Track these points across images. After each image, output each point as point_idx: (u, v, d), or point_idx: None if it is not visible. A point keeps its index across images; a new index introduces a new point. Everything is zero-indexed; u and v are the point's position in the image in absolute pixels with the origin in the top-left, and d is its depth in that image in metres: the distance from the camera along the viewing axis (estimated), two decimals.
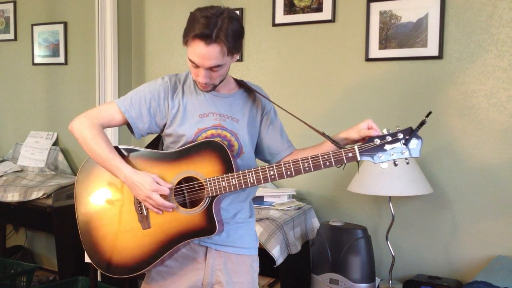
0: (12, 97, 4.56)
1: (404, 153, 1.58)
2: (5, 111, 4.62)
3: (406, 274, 2.87)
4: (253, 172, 1.65)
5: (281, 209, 2.87)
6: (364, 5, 2.95)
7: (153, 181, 1.66)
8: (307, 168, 1.63)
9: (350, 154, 1.60)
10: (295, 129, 2.22)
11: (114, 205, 1.79)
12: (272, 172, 1.65)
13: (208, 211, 1.67)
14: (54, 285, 3.49)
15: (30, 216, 3.82)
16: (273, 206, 2.92)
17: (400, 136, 1.58)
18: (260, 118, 1.86)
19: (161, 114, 1.77)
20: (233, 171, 1.66)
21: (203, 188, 1.68)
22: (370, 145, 1.60)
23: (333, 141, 1.68)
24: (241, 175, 1.65)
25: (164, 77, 1.81)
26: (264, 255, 2.59)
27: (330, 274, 2.66)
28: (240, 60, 3.39)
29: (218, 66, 1.66)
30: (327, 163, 1.61)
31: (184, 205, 1.72)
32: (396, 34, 2.86)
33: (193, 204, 1.70)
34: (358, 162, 1.63)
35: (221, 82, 1.75)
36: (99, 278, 3.32)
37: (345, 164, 1.61)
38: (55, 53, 4.23)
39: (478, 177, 2.71)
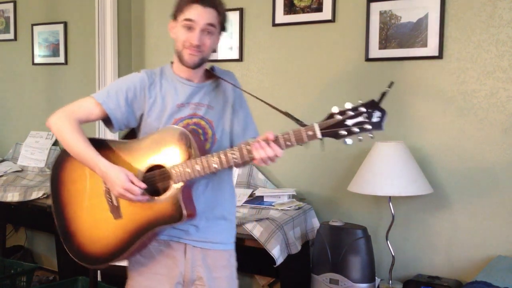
0: (12, 97, 4.56)
1: (367, 127, 1.51)
2: (5, 111, 4.62)
3: (406, 274, 2.87)
4: (215, 156, 1.65)
5: (281, 209, 2.87)
6: (364, 5, 2.95)
7: (127, 179, 1.68)
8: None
9: (310, 132, 1.55)
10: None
11: (86, 197, 1.82)
12: (235, 155, 1.63)
13: (175, 198, 1.69)
14: (54, 285, 3.49)
15: (30, 216, 3.82)
16: (273, 206, 2.93)
17: (362, 109, 1.51)
18: (232, 108, 1.89)
19: (138, 105, 1.80)
20: (198, 157, 1.67)
21: (170, 175, 1.70)
22: (331, 122, 1.54)
23: (296, 120, 1.66)
24: (204, 160, 1.65)
25: (140, 71, 1.86)
26: (264, 255, 2.59)
27: (330, 274, 2.66)
28: (240, 60, 3.39)
29: (212, 26, 1.75)
30: (288, 143, 1.58)
31: (155, 193, 1.73)
32: (396, 34, 2.86)
33: (165, 191, 1.72)
34: (321, 140, 1.56)
35: (206, 58, 1.80)
36: (99, 278, 3.32)
37: (307, 142, 1.57)
38: (55, 53, 4.23)
39: (478, 177, 2.71)
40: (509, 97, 2.63)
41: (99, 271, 3.28)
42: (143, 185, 1.69)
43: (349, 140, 1.53)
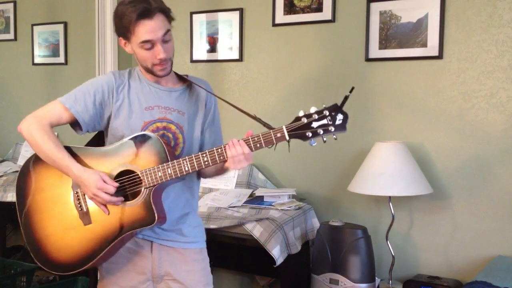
0: (12, 97, 4.56)
1: (331, 129, 1.60)
2: (5, 111, 4.62)
3: (406, 274, 2.87)
4: (187, 159, 1.67)
5: (281, 209, 2.87)
6: (364, 5, 2.95)
7: (100, 179, 1.69)
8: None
9: (278, 134, 1.62)
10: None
11: (54, 205, 1.81)
12: (205, 158, 1.66)
13: (147, 202, 1.70)
14: (54, 285, 3.49)
15: None
16: (273, 206, 2.92)
17: (326, 112, 1.61)
18: (203, 115, 1.89)
19: (106, 107, 1.80)
20: (168, 162, 1.69)
21: (141, 180, 1.70)
22: (297, 124, 1.62)
23: (264, 123, 1.70)
24: (176, 163, 1.67)
25: (110, 72, 1.88)
26: (264, 255, 2.59)
27: (330, 274, 2.66)
28: (240, 60, 3.39)
29: (168, 31, 1.73)
30: (258, 145, 1.64)
31: (125, 197, 1.74)
32: (396, 34, 2.86)
33: (134, 196, 1.73)
34: (288, 141, 1.64)
35: (172, 61, 1.80)
36: (99, 278, 3.31)
37: (275, 144, 1.63)
38: (55, 53, 4.23)
39: (478, 177, 2.71)
40: (509, 97, 2.63)
41: (99, 271, 3.27)
42: (116, 184, 1.70)
43: (314, 142, 1.62)
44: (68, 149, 1.78)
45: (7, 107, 4.60)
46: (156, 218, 1.68)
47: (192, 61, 3.58)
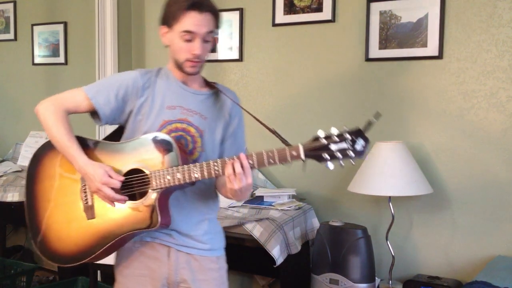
0: (12, 97, 4.56)
1: (349, 154, 1.52)
2: (5, 111, 4.62)
3: (406, 274, 2.87)
4: (197, 166, 1.62)
5: (281, 209, 2.87)
6: (364, 5, 2.95)
7: (105, 173, 1.66)
8: (251, 164, 1.58)
9: (294, 153, 1.55)
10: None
11: (61, 194, 1.79)
12: (216, 168, 1.62)
13: (152, 204, 1.67)
14: (54, 285, 3.49)
15: None
16: (273, 206, 2.93)
17: (347, 136, 1.53)
18: (226, 124, 1.84)
19: (128, 102, 1.78)
20: (178, 166, 1.65)
21: (149, 181, 1.67)
22: (315, 144, 1.54)
23: (282, 139, 1.66)
24: (185, 169, 1.63)
25: (136, 69, 1.84)
26: (264, 255, 2.59)
27: (330, 274, 2.66)
28: (240, 60, 3.39)
29: (212, 32, 1.72)
30: (271, 161, 1.57)
31: (132, 197, 1.70)
32: (396, 34, 2.86)
33: (141, 196, 1.70)
34: (304, 161, 1.56)
35: (204, 63, 1.80)
36: (99, 278, 3.32)
37: (290, 162, 1.56)
38: (55, 53, 4.23)
39: (478, 177, 2.71)
40: (509, 97, 2.63)
41: (99, 271, 3.28)
42: (122, 178, 1.67)
43: (331, 165, 1.54)
44: (81, 140, 1.76)
45: (7, 107, 4.60)
46: (159, 222, 1.65)
47: None
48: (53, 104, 1.77)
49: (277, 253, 2.59)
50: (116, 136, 1.88)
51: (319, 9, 3.10)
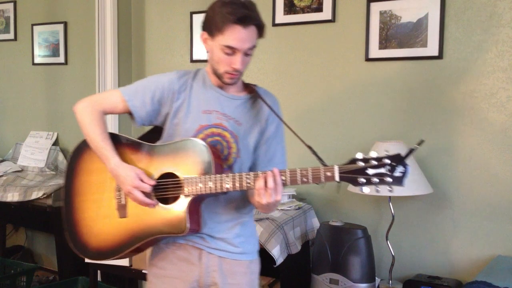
0: (12, 97, 4.57)
1: (387, 180, 1.46)
2: (5, 111, 4.62)
3: (406, 274, 2.87)
4: (230, 176, 1.60)
5: (281, 209, 2.87)
6: (364, 5, 2.95)
7: (136, 177, 1.66)
8: (283, 180, 1.55)
9: (328, 174, 1.51)
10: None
11: (97, 190, 1.81)
12: (248, 181, 1.58)
13: (182, 210, 1.66)
14: (54, 285, 3.49)
15: (30, 216, 3.81)
16: None
17: (386, 161, 1.47)
18: (261, 130, 1.80)
19: (165, 104, 1.76)
20: (211, 174, 1.63)
21: (182, 186, 1.67)
22: (352, 167, 1.49)
23: (318, 157, 1.63)
24: (217, 178, 1.61)
25: (172, 71, 1.81)
26: (264, 255, 2.59)
27: (330, 274, 2.66)
28: None
29: (254, 47, 1.68)
30: (304, 179, 1.53)
31: (165, 200, 1.71)
32: (396, 34, 2.86)
33: (174, 200, 1.70)
34: (338, 183, 1.52)
35: (243, 72, 1.75)
36: (99, 278, 3.32)
37: (324, 183, 1.52)
38: (55, 53, 4.23)
39: (478, 177, 2.71)
40: (509, 97, 2.63)
41: (99, 271, 3.28)
42: (153, 182, 1.67)
43: (366, 189, 1.49)
44: (117, 138, 1.77)
45: (7, 107, 4.60)
46: (187, 228, 1.64)
47: (192, 61, 3.58)
48: (90, 104, 1.77)
49: (277, 253, 2.59)
50: (153, 134, 1.87)
51: (319, 9, 3.10)
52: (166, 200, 1.70)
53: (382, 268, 2.89)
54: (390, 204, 2.72)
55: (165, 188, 1.70)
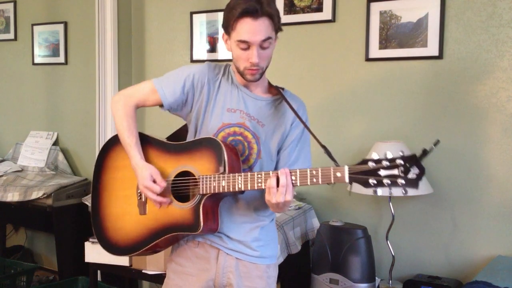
0: (12, 97, 4.56)
1: (399, 182, 1.39)
2: (5, 111, 4.62)
3: (406, 274, 2.87)
4: (242, 176, 1.59)
5: None
6: (364, 5, 2.95)
7: (149, 177, 1.69)
8: (293, 180, 1.54)
9: (338, 174, 1.46)
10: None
11: (122, 187, 1.84)
12: (259, 180, 1.57)
13: (197, 208, 1.66)
14: (54, 285, 3.50)
15: (30, 216, 3.82)
16: None
17: (399, 162, 1.40)
18: (284, 133, 1.78)
19: (193, 95, 1.77)
20: (226, 173, 1.63)
21: (197, 185, 1.67)
22: (362, 168, 1.43)
23: (331, 157, 1.61)
24: (231, 177, 1.61)
25: (205, 63, 1.81)
26: None
27: (330, 274, 2.66)
28: None
29: (269, 39, 1.66)
30: (314, 180, 1.51)
31: (185, 198, 1.72)
32: (396, 34, 2.86)
33: (191, 199, 1.71)
34: (350, 184, 1.47)
35: (266, 68, 1.73)
36: (99, 278, 3.32)
37: (334, 183, 1.49)
38: (55, 53, 4.23)
39: (478, 177, 2.71)
40: (509, 97, 2.63)
41: (99, 271, 3.28)
42: (163, 184, 1.69)
43: (379, 191, 1.44)
44: (143, 137, 1.80)
45: (7, 107, 4.60)
46: (201, 226, 1.64)
47: (192, 61, 3.58)
48: (123, 98, 1.81)
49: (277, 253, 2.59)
50: (181, 132, 1.89)
51: (319, 9, 3.10)
52: (184, 198, 1.71)
53: (382, 268, 2.89)
54: (390, 204, 2.72)
55: (182, 186, 1.72)
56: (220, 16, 3.46)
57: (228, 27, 1.67)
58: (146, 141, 1.81)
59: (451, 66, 2.75)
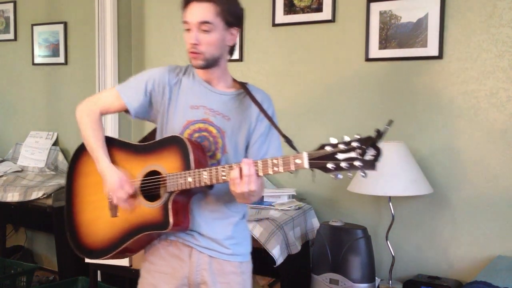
0: (12, 97, 4.56)
1: (357, 164, 1.40)
2: (5, 111, 4.62)
3: (406, 274, 2.87)
4: (207, 170, 1.61)
5: (281, 209, 2.87)
6: (364, 5, 2.95)
7: (118, 182, 1.72)
8: (256, 170, 1.54)
9: (298, 161, 1.47)
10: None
11: (94, 191, 1.86)
12: (223, 173, 1.59)
13: (165, 206, 1.68)
14: (54, 285, 3.49)
15: (30, 216, 3.82)
16: (273, 206, 2.93)
17: (355, 144, 1.42)
18: (250, 127, 1.79)
19: (156, 98, 1.80)
20: (190, 169, 1.65)
21: (165, 183, 1.69)
22: (320, 153, 1.45)
23: (292, 146, 1.64)
24: (196, 173, 1.63)
25: (165, 66, 1.85)
26: (264, 255, 2.59)
27: (330, 274, 2.66)
28: (240, 60, 3.39)
29: (207, 23, 1.68)
30: (275, 168, 1.51)
31: (155, 197, 1.73)
32: (396, 34, 2.86)
33: (160, 198, 1.72)
34: (312, 170, 1.47)
35: (212, 58, 1.74)
36: (99, 278, 3.32)
37: (295, 171, 1.49)
38: (55, 53, 4.23)
39: (478, 177, 2.71)
40: (509, 97, 2.63)
41: (99, 271, 3.28)
42: (130, 191, 1.72)
43: (340, 175, 1.45)
44: (110, 141, 1.83)
45: (7, 107, 4.60)
46: (171, 223, 1.65)
47: None
48: (87, 105, 1.84)
49: (277, 253, 2.59)
50: (151, 136, 1.91)
51: (319, 9, 3.10)
52: (154, 198, 1.73)
53: (382, 268, 2.89)
54: (390, 204, 2.72)
55: (151, 186, 1.73)
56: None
57: (182, 10, 1.74)
58: (112, 144, 1.83)
59: (451, 66, 2.75)
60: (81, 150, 1.89)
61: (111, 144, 1.82)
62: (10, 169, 4.03)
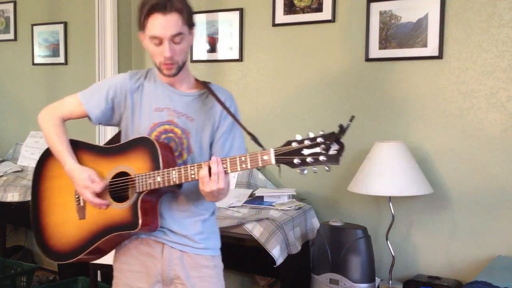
0: (12, 97, 4.57)
1: (322, 159, 1.46)
2: (5, 111, 4.62)
3: (406, 274, 2.87)
4: (176, 169, 1.63)
5: (281, 209, 2.87)
6: (364, 5, 2.95)
7: (88, 178, 1.73)
8: (224, 168, 1.58)
9: (265, 157, 1.52)
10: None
11: (60, 194, 1.87)
12: (192, 172, 1.62)
13: (134, 206, 1.69)
14: (54, 285, 3.49)
15: None
16: (273, 206, 2.93)
17: (320, 140, 1.48)
18: (214, 126, 1.81)
19: (118, 104, 1.82)
20: (161, 169, 1.66)
21: (134, 184, 1.70)
22: (286, 149, 1.50)
23: (258, 143, 1.65)
24: (165, 172, 1.65)
25: (126, 72, 1.87)
26: (264, 255, 2.60)
27: (330, 274, 2.66)
28: (240, 60, 3.39)
29: (180, 34, 1.67)
30: (243, 165, 1.56)
31: (123, 198, 1.74)
32: (396, 34, 2.86)
33: (128, 198, 1.73)
34: (278, 166, 1.52)
35: (183, 64, 1.75)
36: (99, 278, 3.32)
37: (263, 167, 1.55)
38: (55, 53, 4.23)
39: (478, 177, 2.71)
40: (509, 97, 2.63)
41: (99, 271, 3.28)
42: (102, 184, 1.73)
43: (305, 170, 1.50)
44: (76, 144, 1.84)
45: (7, 107, 4.60)
46: (140, 223, 1.67)
47: (192, 61, 3.58)
48: (50, 111, 1.89)
49: (277, 253, 2.59)
50: (117, 139, 1.92)
51: (319, 9, 3.10)
52: (122, 199, 1.74)
53: (382, 268, 2.89)
54: (390, 204, 2.72)
55: (120, 187, 1.74)
56: (220, 16, 3.47)
57: (141, 25, 1.71)
58: (78, 147, 1.84)
59: (451, 66, 2.75)
60: (47, 155, 1.91)
61: (77, 147, 1.84)
62: (10, 169, 4.03)
